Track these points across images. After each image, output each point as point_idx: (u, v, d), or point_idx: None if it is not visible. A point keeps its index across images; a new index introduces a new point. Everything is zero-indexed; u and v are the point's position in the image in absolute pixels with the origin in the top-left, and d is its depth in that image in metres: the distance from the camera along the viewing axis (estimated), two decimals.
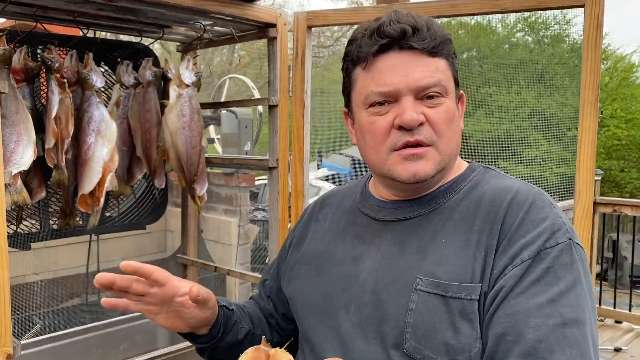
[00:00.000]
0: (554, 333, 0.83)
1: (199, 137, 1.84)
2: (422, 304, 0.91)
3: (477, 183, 1.01)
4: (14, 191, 1.48)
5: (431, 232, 0.96)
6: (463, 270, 0.91)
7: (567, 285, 0.86)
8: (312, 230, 1.16)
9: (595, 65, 1.49)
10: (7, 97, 1.48)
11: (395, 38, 0.93)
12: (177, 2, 1.57)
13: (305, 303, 1.09)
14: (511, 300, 0.86)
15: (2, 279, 1.25)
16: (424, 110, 0.94)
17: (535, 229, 0.89)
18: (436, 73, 0.94)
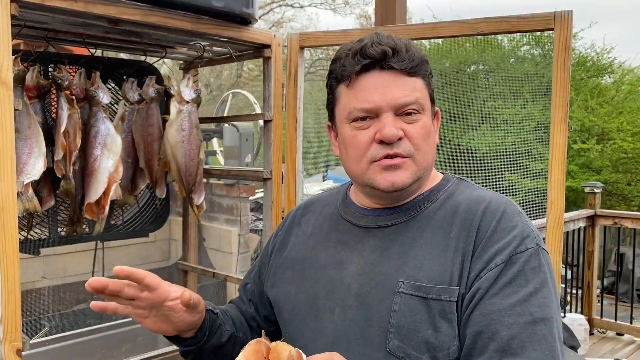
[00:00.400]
0: (525, 330, 0.92)
1: (197, 149, 1.96)
2: (405, 305, 0.99)
3: (452, 193, 1.09)
4: (25, 199, 1.61)
5: (411, 239, 1.04)
6: (442, 274, 0.99)
7: (535, 287, 0.95)
8: (294, 236, 1.22)
9: (564, 84, 1.60)
10: (20, 113, 1.61)
11: (376, 59, 1.01)
12: (177, 26, 1.70)
13: (290, 306, 1.14)
14: (487, 301, 0.95)
15: (14, 279, 1.37)
16: (403, 126, 1.02)
17: (507, 236, 0.98)
18: (414, 92, 1.02)
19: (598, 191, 5.44)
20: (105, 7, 1.53)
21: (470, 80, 14.73)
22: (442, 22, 1.71)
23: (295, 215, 1.26)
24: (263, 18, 22.45)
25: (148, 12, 1.62)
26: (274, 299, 1.19)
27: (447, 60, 14.31)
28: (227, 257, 3.13)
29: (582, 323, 4.60)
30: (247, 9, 1.77)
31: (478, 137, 12.74)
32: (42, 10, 1.49)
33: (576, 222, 5.15)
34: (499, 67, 13.71)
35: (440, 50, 14.38)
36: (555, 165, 1.61)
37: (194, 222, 2.41)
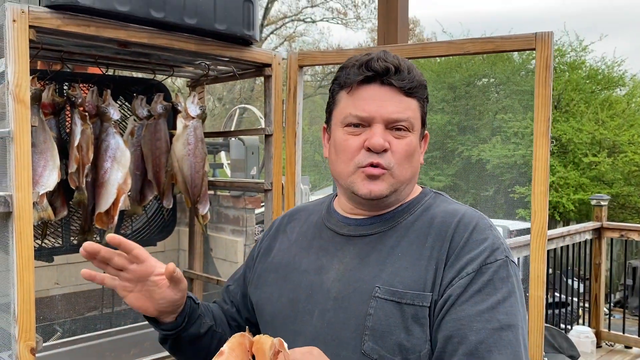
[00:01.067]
0: (492, 336, 0.98)
1: (202, 162, 2.07)
2: (380, 309, 1.04)
3: (429, 206, 1.15)
4: (40, 209, 1.73)
5: (389, 248, 1.10)
6: (416, 281, 1.05)
7: (503, 296, 1.02)
8: (279, 242, 1.27)
9: (545, 100, 1.69)
10: (36, 129, 1.73)
11: (379, 73, 1.08)
12: (183, 47, 1.82)
13: (272, 308, 1.19)
14: (457, 307, 1.01)
15: (29, 282, 1.48)
16: (390, 139, 1.08)
17: (478, 247, 1.05)
18: (407, 111, 1.09)
19: (604, 204, 5.45)
20: (115, 31, 1.66)
21: (481, 93, 14.78)
22: (432, 42, 1.81)
23: (282, 223, 1.32)
24: (275, 33, 22.75)
25: (155, 35, 1.74)
26: (257, 301, 1.24)
27: (457, 73, 14.38)
28: (233, 267, 3.22)
29: (589, 335, 4.61)
30: (248, 31, 1.89)
31: (488, 149, 12.76)
32: (58, 35, 1.63)
33: (582, 234, 5.17)
34: (509, 80, 13.75)
35: (450, 63, 14.46)
36: (537, 176, 1.70)
37: (199, 231, 2.51)
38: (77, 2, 1.54)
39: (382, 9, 3.38)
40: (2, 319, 1.59)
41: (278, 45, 22.49)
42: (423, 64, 14.64)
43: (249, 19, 1.88)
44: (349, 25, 22.55)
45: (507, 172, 12.71)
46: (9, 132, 1.44)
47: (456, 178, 13.49)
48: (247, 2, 1.88)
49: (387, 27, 3.35)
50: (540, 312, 1.71)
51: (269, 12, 21.38)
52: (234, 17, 1.85)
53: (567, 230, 5.03)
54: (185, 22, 1.75)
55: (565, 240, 4.96)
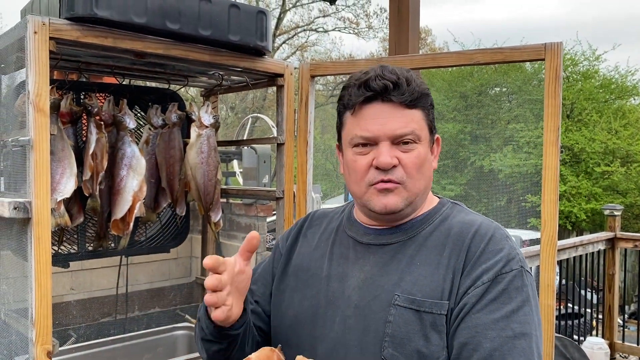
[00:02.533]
0: (506, 344, 1.00)
1: (215, 170, 2.11)
2: (399, 317, 1.07)
3: (447, 216, 1.17)
4: (57, 215, 1.77)
5: (408, 257, 1.13)
6: (434, 290, 1.07)
7: (517, 305, 1.04)
8: (299, 246, 1.30)
9: (555, 110, 1.70)
10: (55, 137, 1.78)
11: (378, 92, 1.10)
12: (197, 58, 1.86)
13: (294, 312, 1.21)
14: (472, 315, 1.03)
15: (46, 286, 1.52)
16: (398, 154, 1.11)
17: (493, 257, 1.07)
18: (410, 123, 1.11)
19: (618, 213, 5.41)
20: (132, 42, 1.70)
21: (493, 102, 14.76)
22: (442, 53, 1.83)
23: (302, 227, 1.35)
24: (288, 42, 22.89)
25: (170, 46, 1.78)
26: (278, 303, 1.27)
27: (469, 82, 14.37)
28: None
29: (603, 347, 4.56)
30: (261, 42, 1.93)
31: (500, 159, 12.72)
32: (77, 46, 1.67)
33: (595, 244, 5.13)
34: (521, 89, 13.72)
35: (462, 72, 14.46)
36: (547, 185, 1.71)
37: (212, 239, 2.54)
38: (96, 14, 1.59)
39: (393, 19, 3.41)
40: (19, 323, 1.62)
41: (290, 54, 22.64)
42: (434, 73, 14.66)
43: (262, 30, 1.92)
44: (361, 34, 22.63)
45: (519, 181, 12.65)
46: (29, 141, 1.48)
47: (468, 187, 13.44)
48: (260, 13, 1.92)
49: (398, 37, 3.38)
50: (550, 320, 1.72)
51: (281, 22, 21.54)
52: (248, 28, 1.89)
53: (579, 241, 4.99)
54: (200, 33, 1.79)
55: (578, 251, 4.93)
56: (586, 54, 13.56)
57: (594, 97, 13.01)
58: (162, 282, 3.39)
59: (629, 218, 12.15)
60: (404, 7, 3.29)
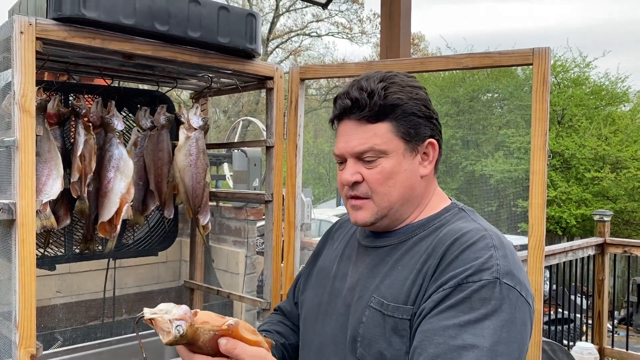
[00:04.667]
0: (452, 352, 0.95)
1: (203, 173, 2.10)
2: (370, 318, 1.11)
3: (445, 223, 1.15)
4: (43, 217, 1.75)
5: (394, 261, 1.14)
6: (402, 294, 1.08)
7: (477, 317, 0.97)
8: (326, 248, 1.39)
9: (542, 115, 1.71)
10: (41, 138, 1.76)
11: (341, 111, 1.16)
12: (186, 60, 1.85)
13: (307, 308, 1.31)
14: (427, 320, 1.01)
15: (30, 289, 1.50)
16: (362, 171, 1.14)
17: (463, 266, 1.02)
18: (371, 139, 1.12)
19: (607, 219, 5.44)
20: (120, 44, 1.69)
21: (485, 108, 14.85)
22: (430, 57, 1.84)
23: (332, 229, 1.43)
24: (281, 47, 22.91)
25: (159, 48, 1.77)
26: (301, 300, 1.37)
27: (461, 88, 14.45)
28: (235, 278, 3.24)
29: (592, 352, 4.57)
30: (251, 45, 1.92)
31: (491, 164, 12.79)
32: (64, 47, 1.66)
33: (585, 249, 5.15)
34: (512, 95, 13.81)
35: (454, 78, 14.54)
36: (535, 189, 1.71)
37: (201, 242, 2.53)
38: (84, 15, 1.58)
39: (385, 24, 3.42)
40: (4, 326, 1.60)
41: (284, 59, 22.66)
42: (427, 78, 14.74)
43: (251, 33, 1.91)
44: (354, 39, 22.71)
45: (510, 186, 12.72)
46: (14, 141, 1.47)
47: (460, 192, 13.49)
48: (250, 16, 1.92)
49: (390, 42, 3.39)
50: (537, 325, 1.72)
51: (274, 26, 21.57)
52: (237, 30, 1.88)
53: (569, 246, 5.01)
54: (189, 35, 1.78)
55: (568, 256, 4.94)
56: (577, 60, 13.68)
57: (585, 103, 13.12)
58: (151, 286, 3.37)
59: (619, 224, 12.23)
60: (395, 11, 3.31)
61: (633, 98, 13.96)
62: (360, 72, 1.94)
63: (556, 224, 12.15)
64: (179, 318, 0.89)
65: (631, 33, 35.69)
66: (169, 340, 0.89)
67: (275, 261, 2.11)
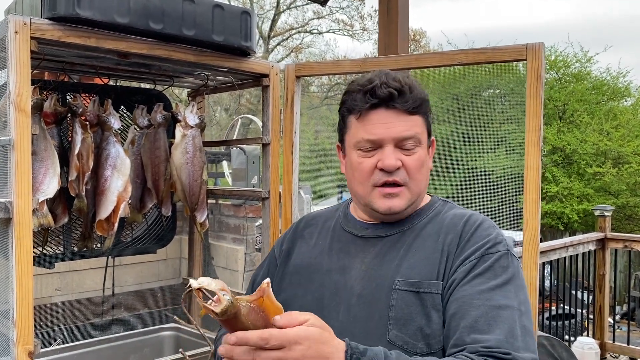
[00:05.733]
0: (491, 312, 1.08)
1: (200, 171, 2.11)
2: (401, 300, 1.16)
3: (440, 211, 1.28)
4: (40, 215, 1.77)
5: (406, 246, 1.22)
6: (431, 271, 1.17)
7: (502, 281, 1.13)
8: (298, 246, 1.38)
9: (537, 110, 1.71)
10: (38, 137, 1.78)
11: (383, 99, 1.19)
12: (181, 58, 1.86)
13: (298, 306, 1.28)
14: (460, 289, 1.13)
15: (27, 287, 1.51)
16: (401, 157, 1.20)
17: (481, 240, 1.18)
18: (413, 127, 1.21)
19: (608, 214, 5.44)
20: (115, 42, 1.70)
21: (486, 104, 14.81)
22: (425, 53, 1.84)
23: (298, 228, 1.43)
24: (282, 44, 22.89)
25: (154, 46, 1.78)
26: (282, 301, 1.31)
27: (462, 84, 14.41)
28: (234, 275, 3.25)
29: (593, 347, 4.58)
30: (246, 42, 1.93)
31: (493, 160, 12.77)
32: (59, 46, 1.67)
33: (586, 244, 5.16)
34: (513, 91, 13.77)
35: (456, 74, 14.51)
36: (529, 185, 1.72)
37: (199, 239, 2.54)
38: (78, 14, 1.59)
39: (383, 22, 3.42)
40: (2, 324, 1.62)
41: (285, 56, 22.64)
42: (428, 75, 14.71)
43: (246, 31, 1.92)
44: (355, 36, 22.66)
45: (512, 182, 12.69)
46: (9, 140, 1.48)
47: (461, 188, 13.48)
48: (244, 13, 1.92)
49: (388, 39, 3.39)
50: (532, 318, 1.72)
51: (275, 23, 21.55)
52: (232, 28, 1.89)
53: (570, 241, 5.02)
54: (184, 33, 1.79)
55: (569, 251, 4.95)
56: (578, 55, 13.64)
57: (586, 98, 13.08)
58: (151, 284, 3.38)
59: (621, 219, 12.22)
60: (393, 8, 3.30)
61: (635, 93, 13.91)
62: (355, 69, 1.95)
63: (558, 219, 12.14)
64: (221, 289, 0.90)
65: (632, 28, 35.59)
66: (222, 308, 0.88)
67: None
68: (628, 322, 5.71)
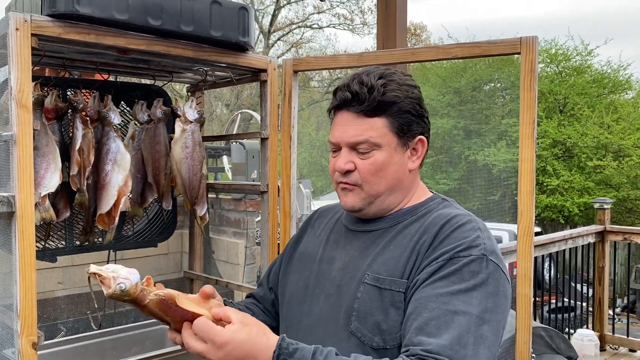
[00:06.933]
0: (444, 316, 1.05)
1: (199, 165, 2.14)
2: (366, 293, 1.18)
3: (431, 210, 1.27)
4: (42, 209, 1.80)
5: (385, 242, 1.25)
6: (397, 269, 1.17)
7: (467, 287, 1.08)
8: (307, 234, 1.46)
9: (530, 103, 1.73)
10: (39, 133, 1.80)
11: (341, 102, 1.24)
12: (180, 54, 1.88)
13: (290, 290, 1.37)
14: (420, 290, 1.11)
15: (30, 279, 1.54)
16: (355, 160, 1.23)
17: (455, 242, 1.14)
18: (368, 131, 1.21)
19: (607, 207, 5.46)
20: (114, 39, 1.73)
21: (487, 97, 14.81)
22: (420, 47, 1.86)
23: (312, 218, 1.51)
24: (283, 39, 22.86)
25: (153, 42, 1.80)
26: (283, 284, 1.42)
27: (463, 78, 14.40)
28: (235, 268, 3.29)
29: (592, 339, 4.61)
30: (244, 38, 1.95)
31: (494, 154, 12.78)
32: (59, 42, 1.69)
33: (585, 237, 5.18)
34: (514, 84, 13.76)
35: (456, 68, 14.49)
36: (523, 177, 1.74)
37: (199, 233, 2.57)
38: (78, 11, 1.61)
39: (381, 16, 3.44)
40: (7, 317, 1.65)
41: (285, 51, 22.62)
42: (429, 69, 14.70)
43: (244, 26, 1.94)
44: (356, 31, 22.63)
45: (513, 176, 12.69)
46: (12, 136, 1.51)
47: (462, 182, 13.50)
48: (242, 9, 1.95)
49: (386, 33, 3.40)
50: (527, 309, 1.75)
51: (276, 18, 21.52)
52: (230, 24, 1.91)
53: (569, 234, 5.04)
54: (182, 29, 1.81)
55: (568, 244, 4.97)
56: (578, 48, 13.62)
57: (587, 91, 13.07)
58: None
59: (622, 212, 12.23)
60: (392, 2, 3.32)
61: (635, 86, 13.90)
62: (352, 63, 1.98)
63: (559, 212, 12.15)
64: (124, 277, 0.99)
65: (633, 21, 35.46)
66: (107, 292, 1.00)
67: (272, 251, 2.15)
68: (627, 314, 5.74)
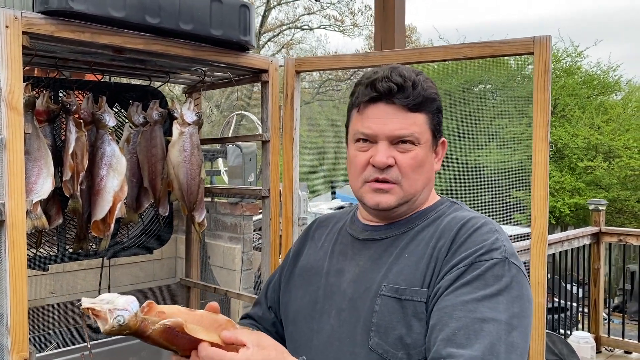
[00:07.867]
0: (473, 325, 0.99)
1: (198, 169, 2.05)
2: (384, 306, 1.10)
3: (443, 214, 1.21)
4: (34, 217, 1.70)
5: (399, 250, 1.17)
6: (417, 278, 1.10)
7: (492, 292, 1.03)
8: (307, 247, 1.37)
9: (544, 105, 1.67)
10: (30, 136, 1.71)
11: (382, 93, 1.14)
12: (179, 53, 1.80)
13: (296, 307, 1.28)
14: (443, 298, 1.05)
15: (22, 292, 1.46)
16: (395, 155, 1.15)
17: (475, 246, 1.08)
18: (411, 126, 1.15)
19: (602, 208, 5.45)
20: (110, 37, 1.64)
21: (477, 99, 14.85)
22: (429, 47, 1.80)
23: (310, 229, 1.42)
24: (273, 40, 22.77)
25: (151, 41, 1.72)
26: (285, 301, 1.33)
27: (453, 79, 14.43)
28: (231, 274, 3.20)
29: (589, 341, 4.59)
30: (245, 37, 1.88)
31: (485, 155, 12.81)
32: (52, 41, 1.60)
33: (581, 239, 5.16)
34: (505, 86, 13.81)
35: (447, 69, 14.52)
36: (537, 182, 1.68)
37: (196, 239, 2.49)
38: (71, 7, 1.53)
39: (378, 15, 3.37)
40: None
41: (275, 52, 22.52)
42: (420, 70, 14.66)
43: (245, 25, 1.87)
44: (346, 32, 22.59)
45: (504, 177, 12.75)
46: (1, 140, 1.42)
47: (453, 183, 13.52)
48: (243, 7, 1.87)
49: (384, 34, 3.34)
50: (541, 319, 1.69)
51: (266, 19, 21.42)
52: (230, 22, 1.83)
53: (565, 236, 5.02)
54: (181, 27, 1.73)
55: (564, 246, 4.95)
56: (568, 50, 13.69)
57: (577, 93, 13.14)
58: (147, 284, 3.33)
59: (611, 212, 12.30)
60: (389, 3, 3.25)
61: (624, 87, 13.99)
62: (357, 63, 1.91)
63: (550, 213, 12.19)
64: (121, 308, 0.88)
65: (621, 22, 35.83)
66: (105, 329, 0.88)
67: (274, 257, 2.08)
68: (623, 316, 5.74)
